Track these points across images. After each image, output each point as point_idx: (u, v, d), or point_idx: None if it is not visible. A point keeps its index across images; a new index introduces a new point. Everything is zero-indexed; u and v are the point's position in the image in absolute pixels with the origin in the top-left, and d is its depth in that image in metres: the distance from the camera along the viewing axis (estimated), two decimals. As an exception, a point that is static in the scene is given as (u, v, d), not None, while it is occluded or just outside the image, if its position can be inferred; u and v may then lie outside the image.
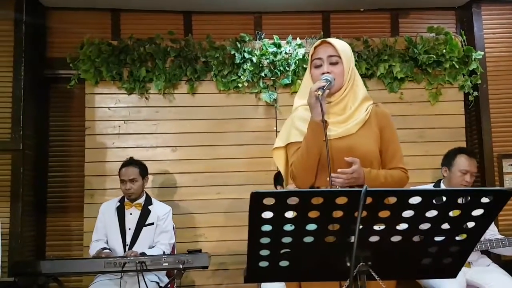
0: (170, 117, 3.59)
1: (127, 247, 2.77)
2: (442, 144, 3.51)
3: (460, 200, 0.84)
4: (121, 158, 3.49)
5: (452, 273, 1.00)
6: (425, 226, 0.88)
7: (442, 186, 2.86)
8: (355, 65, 3.55)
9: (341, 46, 1.71)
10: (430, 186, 2.90)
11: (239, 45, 3.57)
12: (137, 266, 2.31)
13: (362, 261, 0.89)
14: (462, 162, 2.81)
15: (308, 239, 0.90)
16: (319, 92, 1.55)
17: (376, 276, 0.90)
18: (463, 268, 2.64)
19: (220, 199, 3.52)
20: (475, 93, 3.67)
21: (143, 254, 2.65)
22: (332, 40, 1.72)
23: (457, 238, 0.92)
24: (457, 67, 3.59)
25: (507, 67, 3.80)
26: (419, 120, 3.63)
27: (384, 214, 0.87)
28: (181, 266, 2.35)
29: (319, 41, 1.75)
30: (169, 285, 2.67)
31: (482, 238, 2.68)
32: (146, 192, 2.99)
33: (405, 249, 0.92)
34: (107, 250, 2.73)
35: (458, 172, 2.79)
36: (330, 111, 1.66)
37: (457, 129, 3.66)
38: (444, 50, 3.56)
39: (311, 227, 0.89)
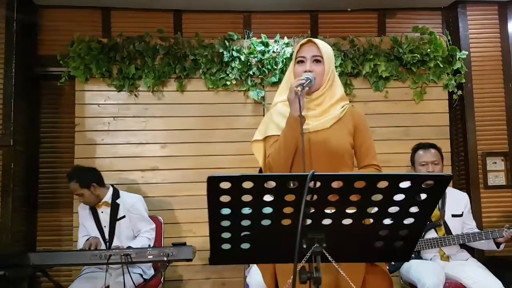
0: (159, 114, 3.64)
1: (107, 243, 2.85)
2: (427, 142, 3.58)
3: (403, 185, 0.90)
4: (111, 154, 3.56)
5: (404, 257, 1.05)
6: (373, 209, 0.94)
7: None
8: (341, 64, 3.63)
9: (325, 47, 1.79)
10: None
11: (227, 44, 3.62)
12: (122, 259, 2.36)
13: (317, 242, 0.95)
14: (419, 156, 2.99)
15: (266, 222, 0.96)
16: (299, 89, 1.62)
17: (329, 257, 0.96)
18: (442, 262, 2.73)
19: (208, 195, 3.57)
20: (459, 92, 3.74)
21: (129, 247, 2.71)
22: (317, 40, 1.80)
23: (405, 222, 0.98)
24: (442, 66, 3.65)
25: (492, 66, 3.86)
26: (404, 118, 3.70)
27: (333, 197, 0.92)
28: (165, 259, 2.40)
29: (305, 39, 1.82)
30: (154, 278, 2.71)
31: (459, 232, 2.77)
32: (111, 187, 3.03)
33: (358, 232, 0.98)
34: (93, 237, 2.80)
35: (419, 166, 2.95)
36: (307, 106, 1.73)
37: (442, 127, 3.72)
38: (428, 50, 3.62)
39: (267, 210, 0.95)
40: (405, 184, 0.90)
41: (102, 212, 2.94)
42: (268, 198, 0.92)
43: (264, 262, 1.35)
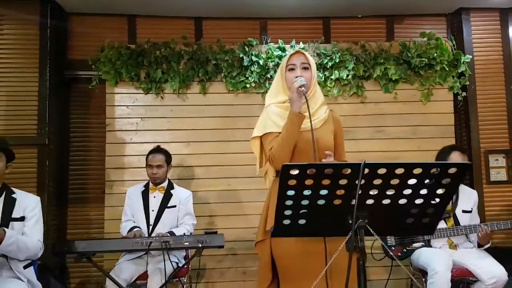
0: (183, 115, 3.88)
1: (150, 227, 3.07)
2: (433, 140, 3.85)
3: (433, 171, 1.15)
4: (139, 152, 3.80)
5: (429, 230, 1.30)
6: (407, 191, 1.19)
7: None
8: (353, 68, 3.87)
9: (310, 57, 2.09)
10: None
11: (247, 49, 3.87)
12: (162, 245, 2.61)
13: (361, 218, 1.19)
14: (456, 158, 3.06)
15: (321, 202, 1.21)
16: (302, 88, 1.89)
17: (372, 231, 1.21)
18: (450, 250, 2.97)
19: (230, 190, 3.82)
20: (464, 94, 3.98)
21: (171, 232, 2.95)
22: (304, 51, 2.11)
23: (432, 201, 1.22)
24: (447, 69, 3.90)
25: (494, 69, 4.10)
26: (412, 118, 3.95)
27: (377, 182, 1.17)
28: (200, 245, 2.64)
29: (294, 50, 2.12)
30: (186, 264, 2.96)
31: (466, 224, 3.00)
32: (168, 179, 3.29)
33: (394, 210, 1.23)
34: (138, 228, 3.02)
35: None
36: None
37: (447, 126, 3.97)
38: (435, 54, 3.87)
39: (323, 192, 1.19)
40: (434, 171, 1.15)
41: (154, 197, 3.16)
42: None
43: (316, 236, 1.60)
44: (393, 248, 3.06)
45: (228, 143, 3.88)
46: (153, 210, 3.11)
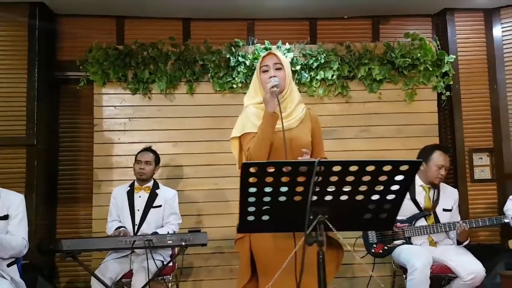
0: (171, 115, 3.93)
1: (136, 227, 3.11)
2: (417, 139, 3.90)
3: (385, 169, 1.20)
4: (127, 152, 3.85)
5: (387, 226, 1.35)
6: (363, 188, 1.24)
7: (417, 178, 3.18)
8: (338, 68, 3.91)
9: (282, 57, 2.14)
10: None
11: (233, 50, 3.92)
12: (145, 244, 2.65)
13: (321, 214, 1.25)
14: (438, 157, 3.08)
15: (282, 198, 1.26)
16: (274, 89, 1.94)
17: (331, 226, 1.26)
18: (431, 247, 3.02)
19: (217, 189, 3.87)
20: (448, 93, 4.04)
21: (155, 233, 3.00)
22: (276, 52, 2.16)
23: (387, 197, 1.27)
24: (431, 69, 3.96)
25: (478, 69, 4.16)
26: (396, 117, 4.01)
27: (333, 179, 1.22)
28: (183, 243, 2.69)
29: (266, 52, 2.16)
30: (171, 261, 3.01)
31: (446, 222, 3.06)
32: (154, 179, 3.33)
33: (352, 206, 1.28)
34: (123, 228, 3.06)
35: (434, 166, 3.06)
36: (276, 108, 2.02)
37: (431, 125, 4.03)
38: (418, 54, 3.93)
39: (284, 189, 1.24)
40: (387, 168, 1.20)
41: (139, 196, 3.20)
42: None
43: (280, 231, 1.65)
44: (375, 246, 3.12)
45: (216, 142, 3.92)
46: (138, 210, 3.16)
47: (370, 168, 1.20)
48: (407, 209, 3.09)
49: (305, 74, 3.93)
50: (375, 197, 1.28)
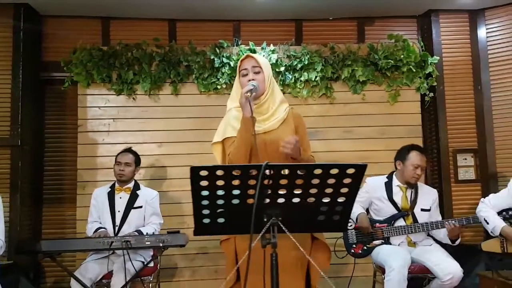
0: (155, 116, 3.94)
1: (116, 228, 3.12)
2: (401, 140, 3.89)
3: (333, 172, 1.21)
4: (111, 153, 3.85)
5: (341, 228, 1.37)
6: (313, 190, 1.26)
7: (394, 178, 3.21)
8: (322, 69, 3.92)
9: (261, 59, 2.13)
10: (383, 178, 3.26)
11: (218, 51, 3.93)
12: (123, 245, 2.67)
13: (274, 216, 1.26)
14: (415, 157, 3.10)
15: (235, 201, 1.27)
16: (248, 94, 1.94)
17: (283, 228, 1.27)
18: (409, 248, 3.04)
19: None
20: (432, 94, 4.05)
21: (139, 231, 3.02)
22: (254, 55, 2.15)
23: (338, 200, 1.29)
24: (414, 70, 3.97)
25: (462, 70, 4.18)
26: (380, 118, 4.02)
27: (283, 181, 1.24)
28: (161, 245, 2.71)
29: (244, 55, 2.15)
30: (151, 261, 3.02)
31: (423, 222, 3.07)
32: (135, 180, 3.34)
33: (304, 208, 1.30)
34: (103, 229, 3.07)
35: (411, 166, 3.09)
36: (256, 111, 2.03)
37: (415, 126, 4.05)
38: (402, 56, 3.94)
39: (236, 192, 1.26)
40: (334, 171, 1.21)
41: (120, 198, 3.21)
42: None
43: (236, 233, 1.67)
44: (354, 246, 3.13)
45: (200, 143, 3.92)
46: (119, 211, 3.17)
47: (318, 171, 1.21)
48: (385, 209, 3.11)
49: (289, 75, 3.94)
50: (326, 199, 1.29)
